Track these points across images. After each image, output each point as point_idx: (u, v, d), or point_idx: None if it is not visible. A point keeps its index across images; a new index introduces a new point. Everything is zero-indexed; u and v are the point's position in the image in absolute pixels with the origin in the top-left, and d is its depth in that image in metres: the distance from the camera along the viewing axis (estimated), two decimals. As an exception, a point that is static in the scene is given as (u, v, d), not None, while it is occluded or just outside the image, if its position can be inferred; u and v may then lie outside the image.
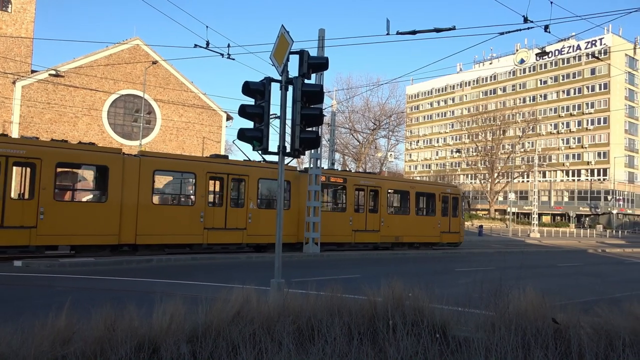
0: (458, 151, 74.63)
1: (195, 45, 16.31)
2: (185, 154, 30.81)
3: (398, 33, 14.28)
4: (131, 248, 15.12)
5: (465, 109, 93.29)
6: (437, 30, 13.78)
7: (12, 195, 13.25)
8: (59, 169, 13.99)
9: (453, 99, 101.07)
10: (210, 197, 16.62)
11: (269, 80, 7.18)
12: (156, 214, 15.23)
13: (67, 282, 10.35)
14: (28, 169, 13.83)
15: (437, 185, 27.09)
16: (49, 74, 30.69)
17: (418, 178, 78.36)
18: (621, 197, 74.88)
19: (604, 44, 74.74)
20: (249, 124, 7.41)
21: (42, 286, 9.83)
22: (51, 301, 4.54)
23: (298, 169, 21.00)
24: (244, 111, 7.19)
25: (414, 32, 14.14)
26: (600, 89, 78.95)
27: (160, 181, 16.44)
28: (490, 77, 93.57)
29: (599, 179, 77.65)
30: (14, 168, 13.34)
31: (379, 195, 20.88)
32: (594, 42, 76.62)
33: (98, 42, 37.24)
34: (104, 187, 14.47)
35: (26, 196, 13.79)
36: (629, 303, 4.82)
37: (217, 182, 16.71)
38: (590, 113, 79.79)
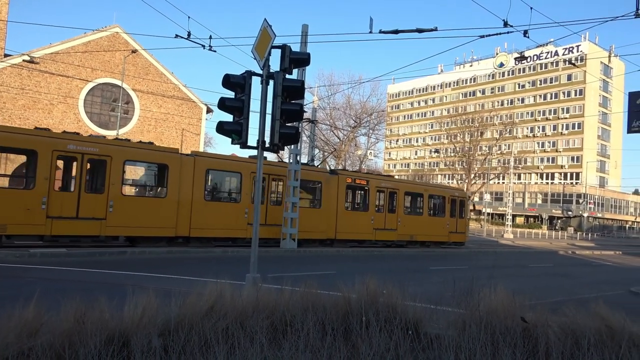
0: (437, 151, 75.42)
1: (176, 36, 16.08)
2: (232, 155, 30.22)
3: (381, 32, 14.36)
4: (184, 240, 16.12)
5: (445, 109, 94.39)
6: (419, 31, 13.90)
7: (86, 189, 14.17)
8: (126, 166, 15.02)
9: (433, 100, 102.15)
10: (253, 196, 17.21)
11: (249, 74, 7.13)
12: (207, 209, 16.28)
13: (37, 272, 10.12)
14: (99, 166, 14.58)
15: (446, 189, 28.51)
16: (23, 60, 29.83)
17: (397, 177, 78.95)
18: (592, 201, 76.92)
19: (581, 51, 76.53)
20: (229, 117, 7.35)
21: (10, 277, 9.57)
22: (19, 292, 4.43)
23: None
24: (223, 104, 7.13)
25: (396, 32, 14.23)
26: (575, 94, 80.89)
27: (211, 179, 17.34)
28: (470, 79, 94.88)
29: (572, 183, 79.63)
30: (88, 164, 14.19)
31: (396, 197, 22.48)
32: (571, 48, 78.38)
33: (76, 28, 36.37)
34: (164, 184, 15.63)
35: (97, 190, 14.53)
36: (595, 304, 4.94)
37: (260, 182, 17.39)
38: (566, 118, 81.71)
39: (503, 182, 73.51)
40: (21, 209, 12.80)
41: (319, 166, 29.33)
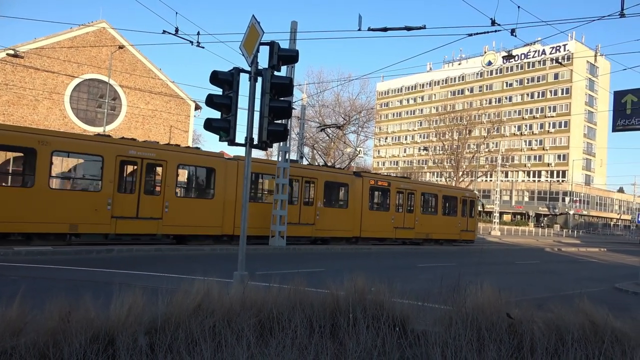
0: (425, 149, 75.81)
1: (164, 32, 15.94)
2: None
3: (369, 29, 14.39)
4: (229, 238, 17.20)
5: (434, 107, 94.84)
6: (408, 29, 13.93)
7: (145, 191, 15.32)
8: (179, 170, 16.27)
9: (422, 98, 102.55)
10: (289, 197, 19.02)
11: (237, 71, 7.09)
12: (249, 209, 16.77)
13: (22, 271, 9.97)
14: (156, 169, 15.90)
15: (458, 190, 30.21)
16: (7, 54, 29.33)
17: (385, 174, 79.16)
18: (578, 199, 77.93)
19: (567, 50, 77.34)
20: (217, 115, 7.30)
21: (-6, 275, 9.42)
22: (2, 291, 4.37)
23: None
24: (211, 101, 7.09)
25: (385, 29, 14.26)
26: (562, 93, 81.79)
27: (253, 181, 18.91)
28: (459, 77, 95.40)
29: (558, 181, 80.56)
30: (146, 168, 15.34)
31: (414, 198, 24.26)
32: (558, 47, 79.17)
33: (61, 23, 35.93)
34: (211, 186, 16.85)
35: (154, 192, 15.74)
36: (579, 300, 5.01)
37: (295, 184, 19.38)
38: (552, 116, 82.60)
39: (491, 180, 74.14)
40: (90, 209, 13.95)
41: (309, 163, 29.43)
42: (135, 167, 15.03)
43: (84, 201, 14.07)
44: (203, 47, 16.96)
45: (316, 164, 48.23)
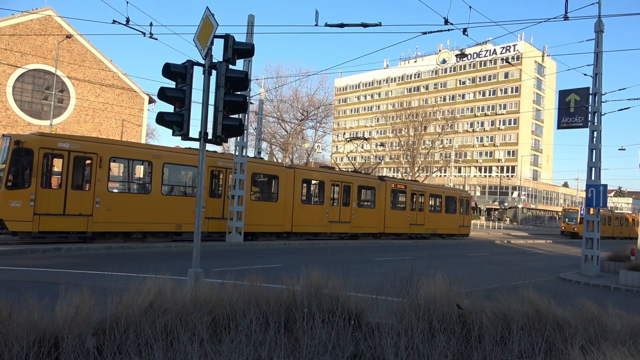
0: (382, 145, 76.90)
1: (114, 21, 15.33)
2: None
3: (326, 25, 14.41)
4: (287, 234, 20.36)
5: (390, 104, 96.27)
6: (364, 25, 14.06)
7: (229, 195, 17.98)
8: (254, 177, 19.46)
9: (379, 94, 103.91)
10: (332, 199, 22.37)
11: (191, 64, 6.93)
12: (302, 210, 20.78)
13: (-41, 272, 9.38)
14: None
15: (457, 191, 33.58)
16: (-58, 41, 27.45)
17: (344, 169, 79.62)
18: (526, 193, 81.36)
19: (517, 50, 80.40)
20: (171, 108, 7.10)
21: None
22: None
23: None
24: (163, 94, 6.89)
25: (341, 25, 14.33)
26: (512, 92, 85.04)
27: (304, 186, 21.59)
28: (415, 74, 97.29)
29: (508, 176, 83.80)
30: (230, 177, 18.11)
31: (424, 198, 27.96)
32: (508, 47, 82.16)
33: (2, 9, 33.92)
34: (276, 191, 19.99)
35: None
36: (525, 290, 5.24)
37: (336, 188, 22.64)
38: (503, 114, 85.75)
39: (445, 175, 76.19)
40: (190, 211, 16.02)
41: (267, 159, 29.35)
42: (222, 175, 17.90)
43: (186, 205, 16.45)
44: (156, 39, 16.49)
45: (274, 159, 48.06)
